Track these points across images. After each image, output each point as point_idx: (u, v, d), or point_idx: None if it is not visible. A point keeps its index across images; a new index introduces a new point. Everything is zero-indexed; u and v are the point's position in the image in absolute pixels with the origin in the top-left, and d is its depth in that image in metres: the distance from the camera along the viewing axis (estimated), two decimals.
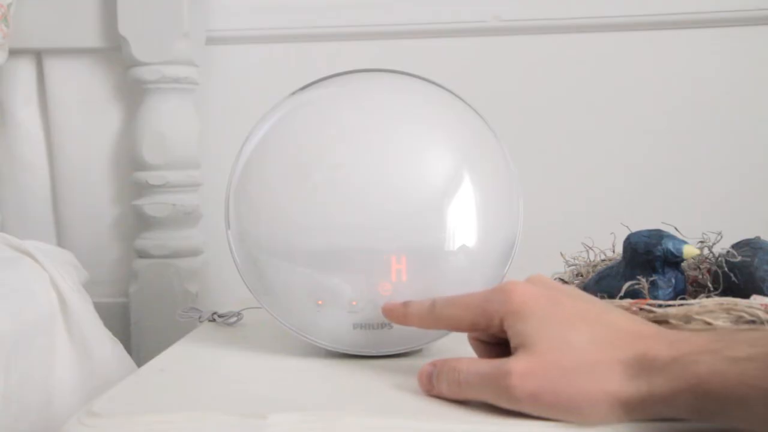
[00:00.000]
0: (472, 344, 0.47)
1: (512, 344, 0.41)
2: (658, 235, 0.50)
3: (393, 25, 0.96)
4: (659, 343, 0.38)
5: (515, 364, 0.39)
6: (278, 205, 0.52)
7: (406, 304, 0.48)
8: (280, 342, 0.57)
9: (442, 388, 0.42)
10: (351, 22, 0.96)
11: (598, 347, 0.39)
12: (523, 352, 0.40)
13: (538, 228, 0.70)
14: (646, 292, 0.49)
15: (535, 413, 0.39)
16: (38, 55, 0.98)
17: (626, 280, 0.50)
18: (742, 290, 0.49)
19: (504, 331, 0.42)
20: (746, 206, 0.93)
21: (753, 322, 0.43)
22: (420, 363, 0.44)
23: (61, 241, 0.99)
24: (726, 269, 0.50)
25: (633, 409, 0.37)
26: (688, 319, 0.44)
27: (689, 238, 0.51)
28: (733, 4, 0.92)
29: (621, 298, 0.49)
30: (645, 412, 0.37)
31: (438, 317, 0.46)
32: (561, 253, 0.60)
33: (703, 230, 0.53)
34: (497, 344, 0.45)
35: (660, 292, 0.50)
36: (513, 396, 0.39)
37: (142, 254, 0.94)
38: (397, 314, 0.49)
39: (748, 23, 0.93)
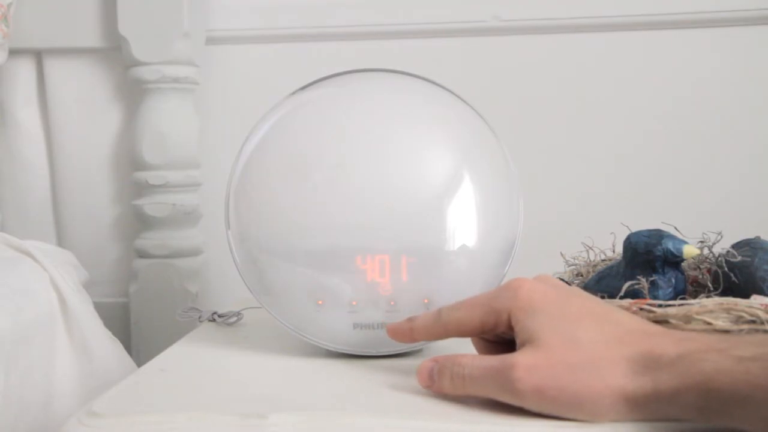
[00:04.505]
0: (474, 342, 0.47)
1: (519, 340, 0.41)
2: (658, 235, 0.50)
3: (393, 25, 0.96)
4: (666, 340, 0.38)
5: (521, 357, 0.39)
6: (278, 205, 0.52)
7: (410, 319, 0.47)
8: (280, 342, 0.57)
9: (444, 384, 0.42)
10: (351, 22, 0.96)
11: (605, 345, 0.38)
12: (529, 347, 0.39)
13: (538, 228, 0.71)
14: (646, 291, 0.49)
15: (538, 409, 0.39)
16: (38, 55, 0.98)
17: (626, 280, 0.50)
18: (742, 290, 0.49)
19: (511, 329, 0.42)
20: (746, 206, 0.93)
21: (753, 322, 0.43)
22: (420, 363, 0.44)
23: (61, 241, 0.99)
24: (726, 269, 0.50)
25: (637, 405, 0.37)
26: (688, 319, 0.44)
27: (689, 238, 0.51)
28: (733, 4, 0.92)
29: (621, 297, 0.49)
30: (649, 410, 0.37)
31: (446, 324, 0.45)
32: (561, 253, 0.60)
33: (703, 230, 0.53)
34: (500, 343, 0.45)
35: (660, 292, 0.49)
36: (517, 390, 0.39)
37: (142, 254, 0.94)
38: (402, 332, 0.47)
39: (748, 23, 0.93)
